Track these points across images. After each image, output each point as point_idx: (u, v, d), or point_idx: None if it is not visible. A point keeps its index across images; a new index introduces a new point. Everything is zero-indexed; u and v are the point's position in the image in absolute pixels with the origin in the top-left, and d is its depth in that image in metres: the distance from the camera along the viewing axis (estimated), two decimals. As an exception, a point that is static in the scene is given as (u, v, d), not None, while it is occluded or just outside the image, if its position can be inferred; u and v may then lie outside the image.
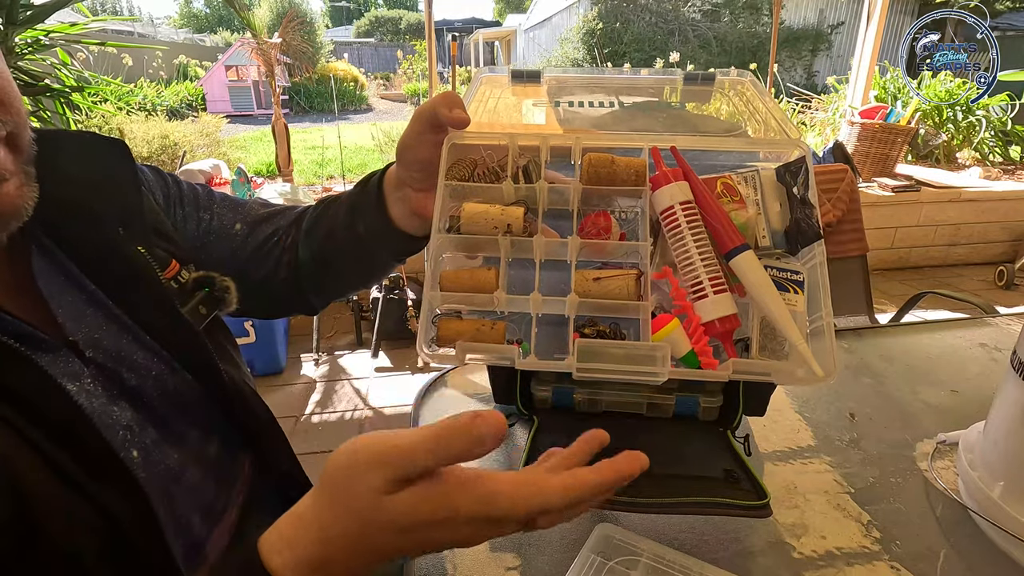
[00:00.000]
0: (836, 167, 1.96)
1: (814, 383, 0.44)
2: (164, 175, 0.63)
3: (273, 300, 0.68)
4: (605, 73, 0.60)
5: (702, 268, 0.46)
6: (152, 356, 0.48)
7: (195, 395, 0.50)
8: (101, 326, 0.46)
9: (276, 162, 3.72)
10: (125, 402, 0.44)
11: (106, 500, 0.38)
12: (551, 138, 0.51)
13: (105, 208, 0.49)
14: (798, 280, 0.48)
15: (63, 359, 0.41)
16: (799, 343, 0.44)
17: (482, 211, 0.48)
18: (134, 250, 0.49)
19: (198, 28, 24.51)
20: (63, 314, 0.43)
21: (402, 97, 11.34)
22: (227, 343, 0.59)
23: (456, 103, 0.49)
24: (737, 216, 0.48)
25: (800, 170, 0.48)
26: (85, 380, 0.42)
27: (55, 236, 0.47)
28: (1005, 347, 0.95)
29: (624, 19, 11.24)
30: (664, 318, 0.46)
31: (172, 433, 0.48)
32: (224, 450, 0.53)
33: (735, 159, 0.52)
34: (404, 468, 0.30)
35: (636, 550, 0.52)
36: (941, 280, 3.51)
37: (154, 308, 0.49)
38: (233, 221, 0.65)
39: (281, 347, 2.52)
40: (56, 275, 0.45)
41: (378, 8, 28.33)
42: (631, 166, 0.49)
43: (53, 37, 2.42)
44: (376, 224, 0.59)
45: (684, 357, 0.45)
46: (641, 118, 0.58)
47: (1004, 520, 0.54)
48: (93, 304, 0.47)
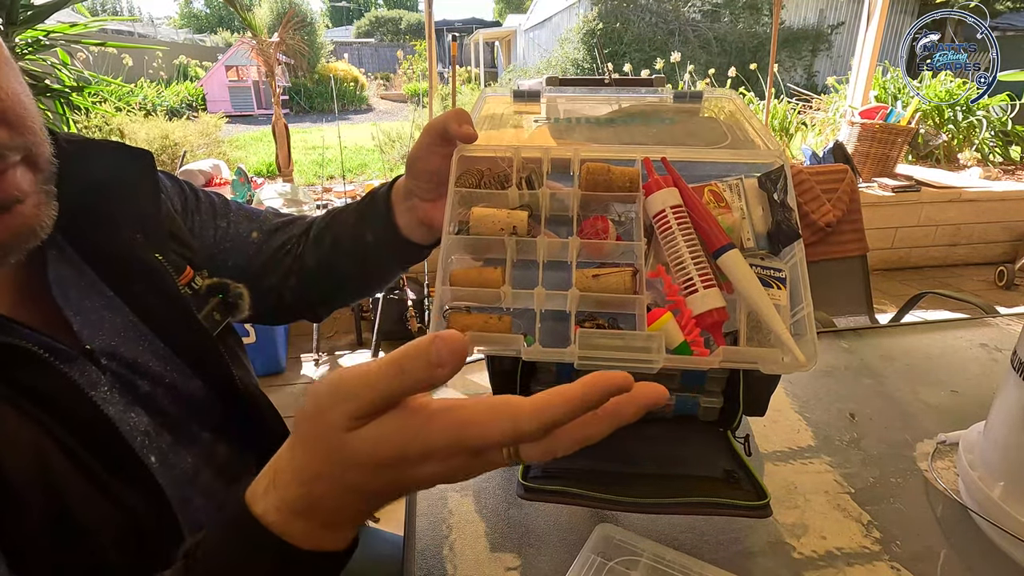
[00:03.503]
0: (836, 167, 1.96)
1: (797, 370, 0.47)
2: (181, 183, 0.64)
3: (282, 307, 0.69)
4: (600, 92, 0.66)
5: (692, 266, 0.49)
6: (166, 363, 0.49)
7: (206, 399, 0.51)
8: (119, 332, 0.46)
9: (276, 162, 3.72)
10: (140, 408, 0.45)
11: (130, 501, 0.39)
12: (552, 150, 0.55)
13: (125, 215, 0.49)
14: (780, 277, 0.51)
15: (79, 367, 0.42)
16: (783, 333, 0.47)
17: (489, 214, 0.51)
18: (152, 257, 0.50)
19: (198, 28, 24.52)
20: (79, 322, 0.44)
21: (402, 97, 11.34)
22: (238, 348, 0.60)
23: (465, 119, 0.52)
24: (723, 220, 0.52)
25: (780, 178, 0.52)
26: (102, 388, 0.43)
27: (76, 243, 0.47)
28: (1005, 347, 0.95)
29: (624, 19, 11.24)
30: (658, 312, 0.48)
31: (185, 437, 0.49)
32: (232, 450, 0.54)
33: (721, 169, 0.56)
34: (363, 399, 0.28)
35: (636, 550, 0.52)
36: (941, 280, 3.51)
37: (171, 315, 0.50)
38: (250, 230, 0.67)
39: (281, 347, 2.52)
40: (75, 282, 0.46)
41: (378, 8, 28.35)
42: (626, 174, 0.53)
43: (53, 37, 2.42)
44: (384, 233, 0.61)
45: (677, 347, 0.48)
46: (635, 132, 0.62)
47: (1004, 520, 0.54)
48: (111, 310, 0.47)
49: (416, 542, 0.56)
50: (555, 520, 0.59)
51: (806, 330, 0.47)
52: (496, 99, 0.64)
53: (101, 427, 0.39)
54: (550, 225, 0.54)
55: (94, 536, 0.37)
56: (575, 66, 10.72)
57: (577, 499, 0.52)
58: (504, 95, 0.63)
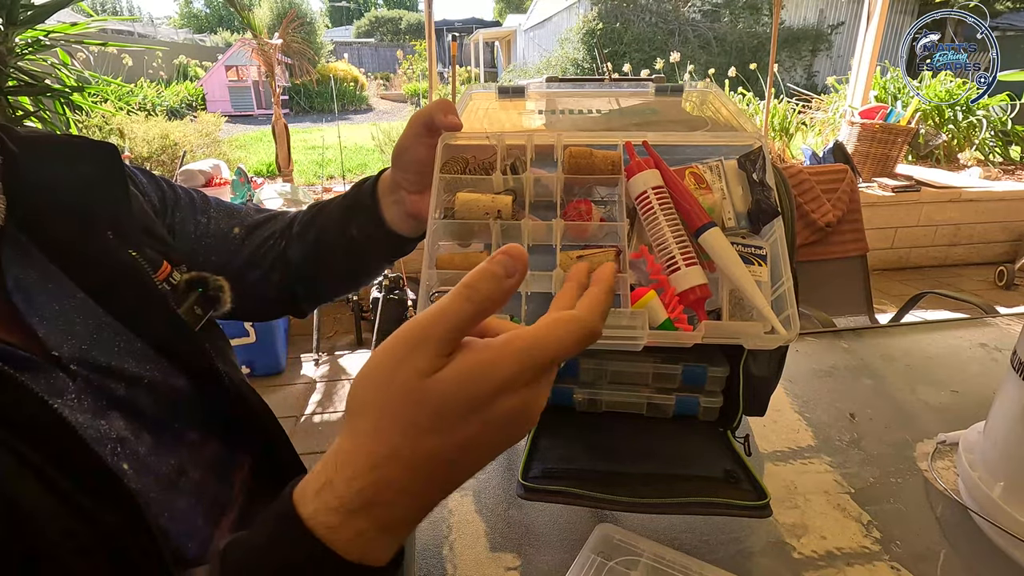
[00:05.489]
0: (836, 167, 1.96)
1: (778, 343, 0.48)
2: (158, 179, 0.63)
3: (266, 302, 0.69)
4: (585, 87, 0.67)
5: (674, 245, 0.50)
6: (145, 362, 0.47)
7: (191, 397, 0.50)
8: (91, 335, 0.45)
9: (276, 162, 3.72)
10: (116, 413, 0.43)
11: (99, 513, 0.37)
12: (535, 136, 0.56)
13: (93, 212, 0.48)
14: (761, 254, 0.52)
15: (45, 376, 0.40)
16: (764, 307, 0.48)
17: (474, 199, 0.52)
18: (126, 254, 0.48)
19: (198, 28, 24.51)
20: (45, 327, 0.42)
21: (402, 97, 11.35)
22: (222, 342, 0.59)
23: (450, 109, 0.53)
24: (704, 200, 0.53)
25: (758, 158, 0.53)
26: (69, 396, 0.41)
27: (41, 244, 0.45)
28: (1005, 347, 0.95)
29: (624, 19, 11.24)
30: (642, 290, 0.49)
31: (168, 438, 0.47)
32: (223, 449, 0.52)
33: (702, 152, 0.57)
34: (438, 335, 0.28)
35: (636, 550, 0.52)
36: (941, 280, 3.51)
37: (149, 312, 0.48)
38: (231, 225, 0.66)
39: (281, 347, 2.52)
40: (40, 285, 0.44)
41: (378, 8, 28.34)
42: (608, 157, 0.54)
43: (53, 37, 2.42)
44: (369, 226, 0.61)
45: (661, 324, 0.48)
46: (617, 120, 0.63)
47: (1004, 520, 0.54)
48: (82, 312, 0.45)
49: (416, 542, 0.56)
50: (555, 520, 0.59)
51: (787, 305, 0.48)
52: (481, 95, 0.64)
53: (65, 438, 0.37)
54: (535, 210, 0.55)
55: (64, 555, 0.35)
56: (575, 66, 10.73)
57: (577, 499, 0.53)
58: (489, 91, 0.64)
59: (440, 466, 0.29)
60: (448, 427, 0.28)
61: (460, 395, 0.28)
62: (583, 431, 0.63)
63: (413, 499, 0.29)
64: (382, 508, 0.28)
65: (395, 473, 0.28)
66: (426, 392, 0.28)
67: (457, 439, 0.28)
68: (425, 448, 0.28)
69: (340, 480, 0.28)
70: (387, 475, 0.28)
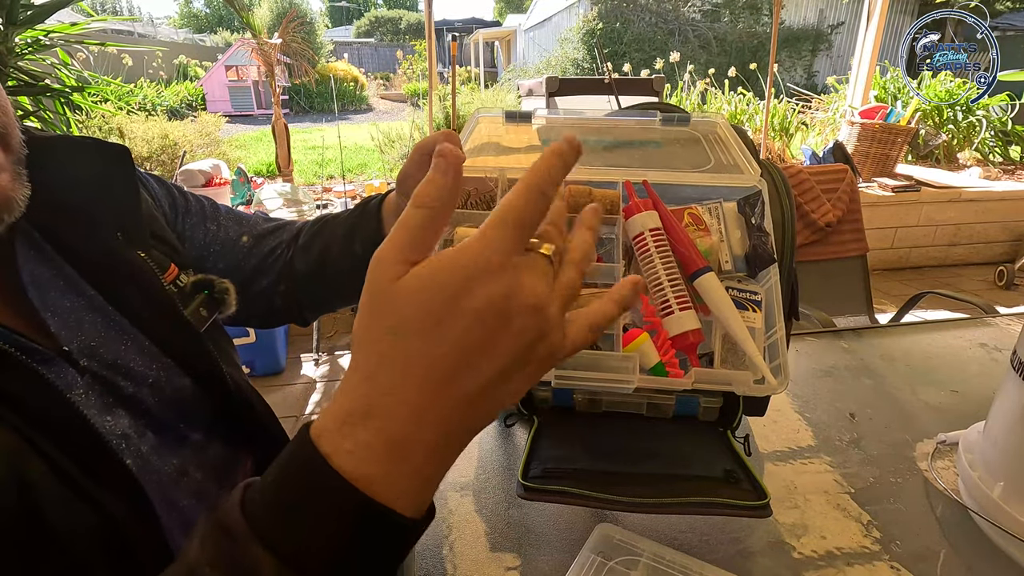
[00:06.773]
0: (836, 167, 1.96)
1: (768, 392, 0.48)
2: (169, 186, 0.65)
3: (271, 311, 0.70)
4: (588, 115, 0.69)
5: (669, 288, 0.50)
6: (151, 362, 0.48)
7: (195, 398, 0.51)
8: (99, 332, 0.46)
9: (276, 162, 3.73)
10: (122, 410, 0.44)
11: (109, 505, 0.38)
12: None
13: (104, 213, 0.49)
14: (756, 300, 0.53)
15: (56, 369, 0.41)
16: (754, 355, 0.48)
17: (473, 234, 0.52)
18: (134, 254, 0.49)
19: (198, 28, 24.51)
20: (57, 323, 0.43)
21: (402, 97, 11.34)
22: (226, 344, 0.59)
23: (454, 140, 0.53)
24: (702, 243, 0.54)
25: (757, 202, 0.54)
26: (78, 391, 0.42)
27: (54, 242, 0.46)
28: (1005, 347, 0.95)
29: (624, 19, 11.24)
30: (635, 332, 0.49)
31: (172, 437, 0.48)
32: (226, 450, 0.53)
33: (702, 192, 0.58)
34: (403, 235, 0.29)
35: (636, 550, 0.52)
36: (941, 280, 3.51)
37: (156, 312, 0.49)
38: (239, 233, 0.67)
39: (281, 347, 2.52)
40: (53, 282, 0.45)
41: (378, 8, 28.34)
42: (607, 197, 0.54)
43: (53, 37, 2.42)
44: (373, 246, 0.61)
45: (653, 368, 0.48)
46: (622, 156, 0.64)
47: (1004, 520, 0.54)
48: (92, 310, 0.46)
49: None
50: (555, 520, 0.59)
51: (779, 353, 0.49)
52: (489, 120, 0.66)
53: (78, 429, 0.38)
54: None
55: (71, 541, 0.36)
56: (575, 66, 10.73)
57: (577, 499, 0.53)
58: (496, 115, 0.66)
59: (436, 371, 0.27)
60: (430, 325, 0.26)
61: (432, 286, 0.27)
62: (583, 431, 0.63)
63: (413, 411, 0.27)
64: (381, 418, 0.26)
65: (387, 378, 0.27)
66: (397, 292, 0.27)
67: (446, 337, 0.26)
68: (412, 350, 0.27)
69: (336, 397, 0.28)
70: (380, 382, 0.27)
